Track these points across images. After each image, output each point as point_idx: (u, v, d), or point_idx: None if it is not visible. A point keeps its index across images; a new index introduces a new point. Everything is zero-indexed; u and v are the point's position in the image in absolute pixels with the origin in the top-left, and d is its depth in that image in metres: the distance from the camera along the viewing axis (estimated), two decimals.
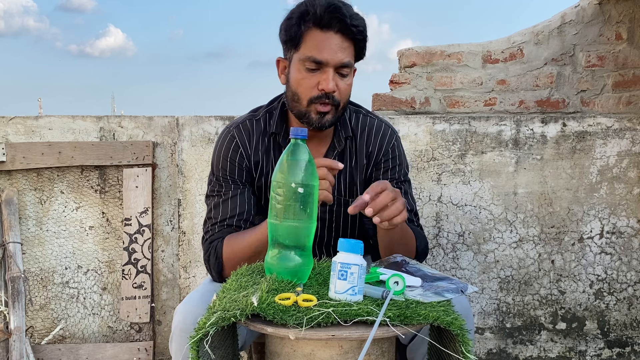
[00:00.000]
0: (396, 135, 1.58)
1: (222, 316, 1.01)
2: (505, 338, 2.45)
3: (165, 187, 2.43)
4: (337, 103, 1.41)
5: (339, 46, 1.38)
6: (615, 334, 2.46)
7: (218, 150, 1.52)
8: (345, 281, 1.07)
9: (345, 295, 1.07)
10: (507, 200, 2.41)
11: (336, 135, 1.52)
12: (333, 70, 1.38)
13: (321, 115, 1.41)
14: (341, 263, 1.08)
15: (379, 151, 1.54)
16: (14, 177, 2.39)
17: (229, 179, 1.49)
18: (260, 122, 1.52)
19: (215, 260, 1.44)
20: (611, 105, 2.63)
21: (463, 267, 2.43)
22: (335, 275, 1.08)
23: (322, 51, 1.37)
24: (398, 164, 1.55)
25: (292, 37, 1.39)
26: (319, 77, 1.38)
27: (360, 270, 1.07)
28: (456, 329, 1.01)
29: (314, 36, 1.37)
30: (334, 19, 1.36)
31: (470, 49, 2.66)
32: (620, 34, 2.61)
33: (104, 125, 2.41)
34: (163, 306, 2.45)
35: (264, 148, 1.51)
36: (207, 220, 1.50)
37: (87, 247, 2.42)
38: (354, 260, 1.08)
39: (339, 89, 1.40)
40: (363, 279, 1.08)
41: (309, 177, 1.18)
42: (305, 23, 1.37)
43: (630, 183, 2.42)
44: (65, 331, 2.42)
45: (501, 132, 2.40)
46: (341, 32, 1.38)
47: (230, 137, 1.51)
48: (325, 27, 1.37)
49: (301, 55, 1.39)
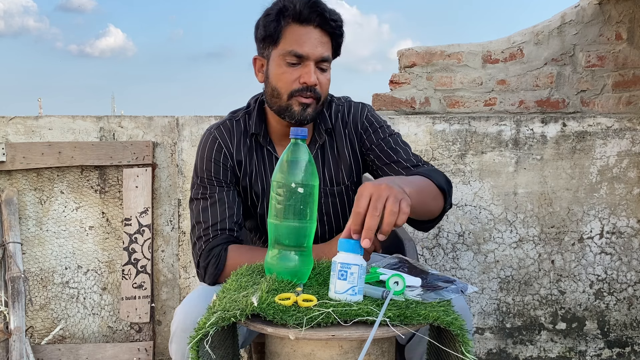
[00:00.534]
0: (367, 107, 1.59)
1: (222, 316, 1.01)
2: (505, 338, 2.45)
3: (165, 187, 2.43)
4: (318, 96, 1.43)
5: (318, 40, 1.40)
6: (615, 334, 2.46)
7: (201, 153, 1.52)
8: (345, 281, 1.07)
9: (345, 296, 1.07)
10: (507, 200, 2.41)
11: (316, 129, 1.53)
12: (314, 64, 1.40)
13: (303, 107, 1.42)
14: (341, 263, 1.07)
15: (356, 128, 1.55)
16: (14, 177, 2.39)
17: (214, 180, 1.49)
18: (240, 123, 1.53)
19: (215, 269, 1.42)
20: (611, 105, 2.63)
21: (463, 267, 2.43)
22: (335, 275, 1.07)
23: (303, 45, 1.39)
24: (379, 127, 1.55)
25: (271, 33, 1.41)
26: (300, 70, 1.40)
27: (361, 270, 1.07)
28: (456, 329, 1.01)
29: (294, 31, 1.40)
30: (314, 13, 1.39)
31: (470, 49, 2.66)
32: (620, 34, 2.61)
33: (104, 125, 2.41)
34: (163, 306, 2.45)
35: (246, 148, 1.52)
36: (197, 225, 1.48)
37: (87, 247, 2.42)
38: (354, 260, 1.07)
39: (320, 82, 1.42)
40: (363, 279, 1.08)
41: (309, 177, 1.18)
42: (284, 18, 1.40)
43: (630, 183, 2.42)
44: (65, 331, 2.42)
45: (501, 132, 2.40)
46: (320, 27, 1.40)
47: (212, 138, 1.51)
48: (305, 21, 1.39)
49: (281, 50, 1.40)
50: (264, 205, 1.53)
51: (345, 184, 1.55)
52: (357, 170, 1.56)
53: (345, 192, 1.55)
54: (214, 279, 1.43)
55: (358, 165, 1.56)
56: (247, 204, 1.55)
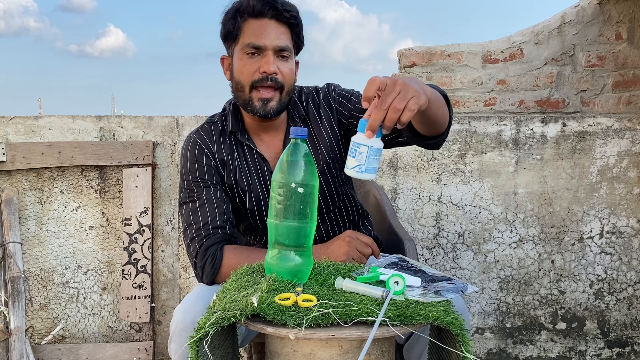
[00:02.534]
0: (332, 84, 1.63)
1: (222, 316, 1.01)
2: (505, 338, 2.45)
3: (165, 187, 2.43)
4: (280, 85, 1.45)
5: (275, 31, 1.45)
6: (615, 334, 2.46)
7: (184, 158, 1.55)
8: (354, 159, 1.14)
9: (352, 172, 1.14)
10: (507, 200, 2.41)
11: (290, 118, 1.56)
12: (272, 53, 1.44)
13: (264, 102, 1.45)
14: (354, 142, 1.14)
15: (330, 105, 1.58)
16: (14, 177, 2.39)
17: (199, 182, 1.51)
18: (217, 125, 1.57)
19: (212, 268, 1.43)
20: (611, 105, 2.63)
21: (463, 267, 2.43)
22: (349, 153, 1.15)
23: (260, 37, 1.44)
24: (351, 95, 1.58)
25: (230, 31, 1.47)
26: (260, 61, 1.44)
27: (370, 151, 1.13)
28: (456, 329, 1.01)
29: (251, 25, 1.45)
30: (266, 6, 1.44)
31: (470, 49, 2.66)
32: (620, 34, 2.61)
33: (104, 125, 2.41)
34: (163, 306, 2.45)
35: (226, 146, 1.55)
36: (189, 227, 1.49)
37: (87, 247, 2.42)
38: (365, 141, 1.13)
39: (280, 71, 1.45)
40: (375, 159, 1.14)
41: (309, 177, 1.18)
42: (241, 16, 1.46)
43: (630, 183, 2.42)
44: (65, 331, 2.42)
45: (501, 132, 2.40)
46: (275, 18, 1.46)
47: (192, 142, 1.55)
48: (259, 15, 1.45)
49: (241, 44, 1.46)
50: (252, 200, 1.54)
51: (327, 162, 1.57)
52: (337, 144, 1.58)
53: (328, 169, 1.57)
54: (212, 278, 1.44)
55: (337, 140, 1.58)
56: (236, 202, 1.56)
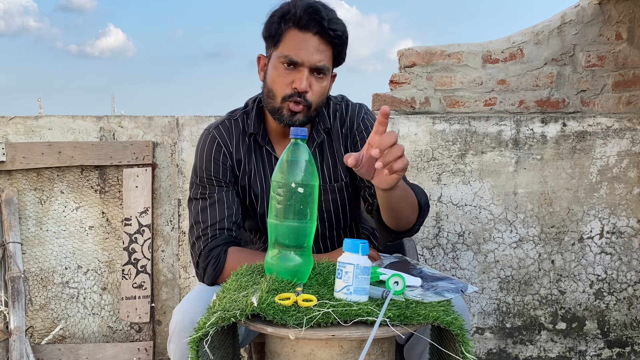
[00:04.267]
0: (364, 108, 1.60)
1: (222, 316, 1.01)
2: (505, 338, 2.45)
3: (165, 187, 2.43)
4: (309, 104, 1.43)
5: (316, 48, 1.40)
6: (615, 334, 2.46)
7: (200, 152, 1.52)
8: (340, 280, 1.09)
9: (340, 294, 1.08)
10: (507, 200, 2.41)
11: (315, 128, 1.53)
12: (308, 70, 1.40)
13: (292, 114, 1.43)
14: (339, 262, 1.09)
15: (352, 128, 1.55)
16: (14, 177, 2.39)
17: (213, 180, 1.49)
18: (238, 122, 1.54)
19: (214, 271, 1.42)
20: (611, 105, 2.63)
21: (463, 267, 2.43)
22: (336, 274, 1.10)
23: (299, 52, 1.39)
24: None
25: (272, 35, 1.42)
26: (294, 75, 1.40)
27: (357, 270, 1.07)
28: (456, 329, 1.01)
29: (293, 36, 1.40)
30: (312, 21, 1.39)
31: (470, 49, 2.66)
32: (620, 34, 2.61)
33: (104, 125, 2.41)
34: (163, 306, 2.45)
35: (245, 147, 1.52)
36: (196, 225, 1.48)
37: (87, 247, 2.42)
38: (350, 259, 1.08)
39: (312, 90, 1.41)
40: (362, 279, 1.08)
41: (309, 177, 1.18)
42: (285, 22, 1.40)
43: (630, 183, 2.42)
44: (65, 331, 2.42)
45: (501, 132, 2.40)
46: (319, 35, 1.40)
47: (211, 137, 1.52)
48: (304, 28, 1.39)
49: (279, 53, 1.41)
50: (263, 204, 1.53)
51: (344, 180, 1.55)
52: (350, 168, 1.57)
53: (345, 188, 1.56)
54: (213, 280, 1.43)
55: None
56: (246, 204, 1.55)
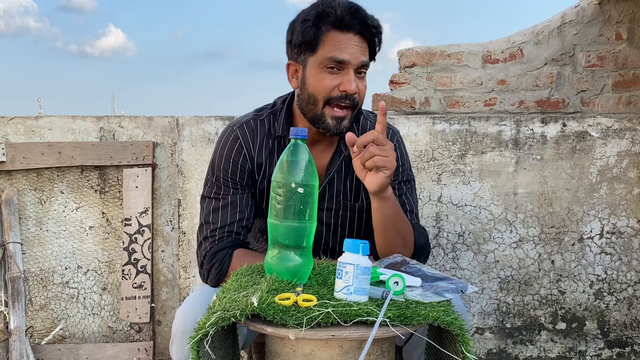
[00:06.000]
0: (397, 135, 1.56)
1: (222, 316, 1.01)
2: (505, 338, 2.45)
3: (165, 187, 2.43)
4: (356, 104, 1.40)
5: (358, 47, 1.38)
6: (615, 334, 2.46)
7: (220, 150, 1.47)
8: (341, 280, 1.09)
9: (340, 294, 1.08)
10: (507, 200, 2.41)
11: (343, 139, 1.47)
12: (354, 71, 1.38)
13: (337, 120, 1.39)
14: (339, 262, 1.09)
15: None
16: (14, 177, 2.39)
17: (229, 181, 1.46)
18: (264, 123, 1.49)
19: (218, 273, 1.41)
20: (611, 105, 2.63)
21: (463, 267, 2.43)
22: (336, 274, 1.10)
23: (343, 52, 1.36)
24: (400, 165, 1.50)
25: (309, 40, 1.37)
26: (341, 78, 1.37)
27: (357, 270, 1.07)
28: (456, 329, 1.01)
29: (334, 37, 1.36)
30: (355, 20, 1.36)
31: (470, 49, 2.66)
32: (620, 34, 2.61)
33: (104, 125, 2.41)
34: (163, 306, 2.45)
35: (267, 150, 1.48)
36: (205, 225, 1.45)
37: (87, 247, 2.42)
38: (350, 259, 1.08)
39: (359, 90, 1.40)
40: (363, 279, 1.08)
41: (309, 177, 1.18)
42: (324, 25, 1.36)
43: (630, 183, 2.42)
44: (65, 331, 2.42)
45: (501, 132, 2.40)
46: (360, 34, 1.38)
47: (234, 136, 1.47)
48: (346, 28, 1.36)
49: (320, 57, 1.37)
50: None
51: (367, 202, 1.50)
52: None
53: (366, 210, 1.51)
54: (216, 282, 1.42)
55: None
56: (262, 206, 1.51)
